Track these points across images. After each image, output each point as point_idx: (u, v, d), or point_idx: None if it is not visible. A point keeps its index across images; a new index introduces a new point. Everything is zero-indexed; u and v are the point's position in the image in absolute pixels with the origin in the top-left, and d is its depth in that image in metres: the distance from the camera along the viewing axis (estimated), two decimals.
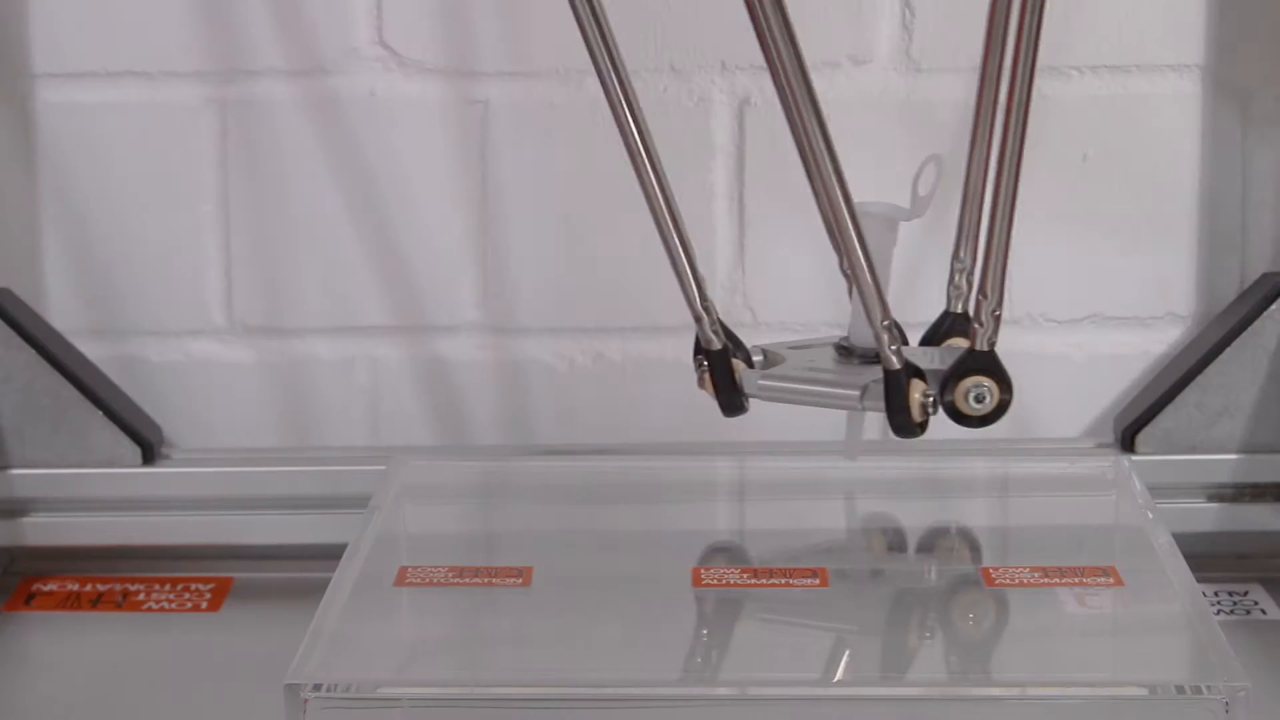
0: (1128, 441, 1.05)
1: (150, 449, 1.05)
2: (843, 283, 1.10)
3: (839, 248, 0.89)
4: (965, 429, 0.89)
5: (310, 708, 0.78)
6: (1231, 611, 0.98)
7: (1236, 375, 1.03)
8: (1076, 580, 0.88)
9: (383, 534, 0.92)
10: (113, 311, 1.09)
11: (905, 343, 0.90)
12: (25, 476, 1.04)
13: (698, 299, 0.91)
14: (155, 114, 1.07)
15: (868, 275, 0.86)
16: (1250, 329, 1.03)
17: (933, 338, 0.94)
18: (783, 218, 1.08)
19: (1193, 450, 1.04)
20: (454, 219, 1.08)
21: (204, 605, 1.01)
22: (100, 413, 1.04)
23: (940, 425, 1.09)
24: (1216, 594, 1.00)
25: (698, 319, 0.91)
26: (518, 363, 1.09)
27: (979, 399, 0.89)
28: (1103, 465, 1.00)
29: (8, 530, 1.04)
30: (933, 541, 0.96)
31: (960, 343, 0.93)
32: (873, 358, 0.90)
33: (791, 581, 0.89)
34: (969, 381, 0.89)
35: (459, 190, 1.08)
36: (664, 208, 0.89)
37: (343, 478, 1.04)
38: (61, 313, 1.08)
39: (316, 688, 0.78)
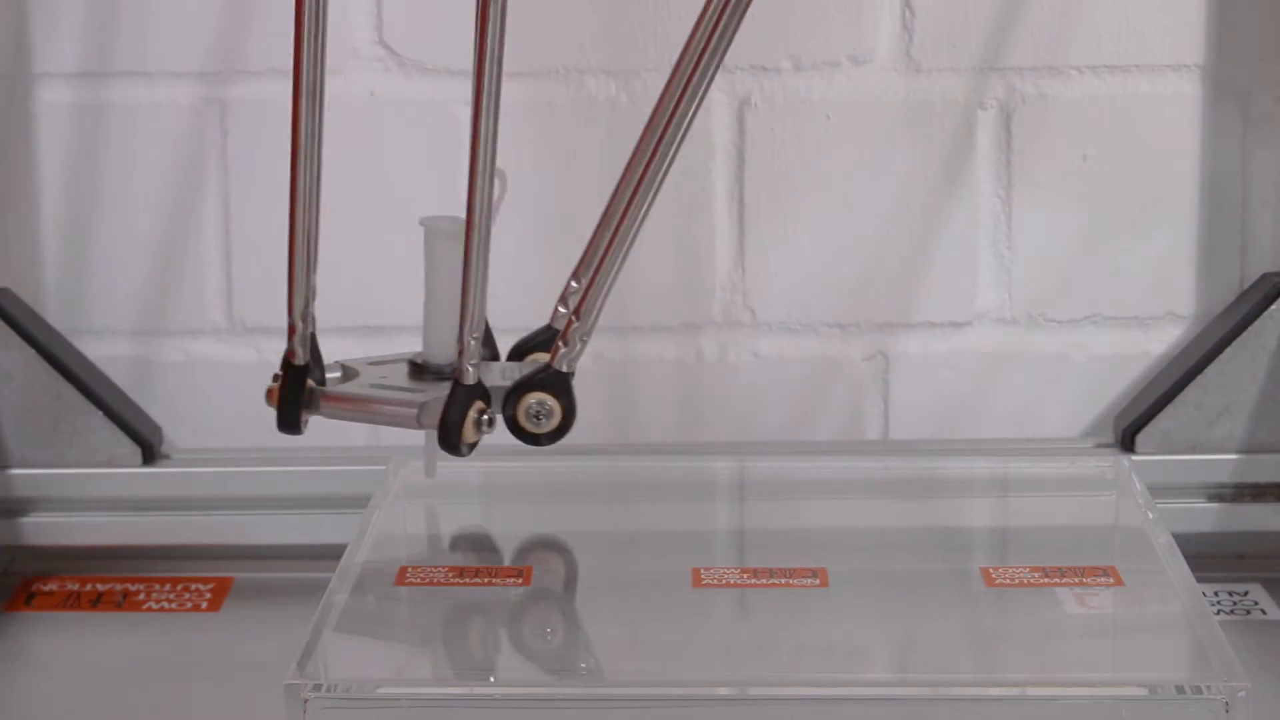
0: (1128, 441, 1.05)
1: (150, 449, 1.05)
2: (843, 282, 1.10)
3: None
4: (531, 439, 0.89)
5: (310, 708, 0.78)
6: (1231, 611, 0.98)
7: (1236, 375, 1.03)
8: (1076, 580, 0.88)
9: (383, 534, 0.92)
10: (113, 311, 1.09)
11: (494, 358, 0.90)
12: (25, 476, 1.04)
13: (302, 306, 0.89)
14: (155, 114, 1.07)
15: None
16: (1250, 329, 1.03)
17: (522, 349, 0.93)
18: (783, 218, 1.08)
19: (1193, 450, 1.04)
20: None
21: (204, 605, 1.01)
22: (100, 413, 1.04)
23: (939, 425, 1.10)
24: (1216, 594, 1.00)
25: (291, 328, 0.89)
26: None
27: (538, 416, 0.88)
28: (1103, 465, 1.00)
29: (8, 530, 1.04)
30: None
31: (543, 358, 0.91)
32: (445, 374, 0.88)
33: (791, 581, 0.89)
34: (532, 398, 0.88)
35: (459, 190, 1.08)
36: (307, 205, 0.89)
37: (343, 478, 1.04)
38: (61, 313, 1.08)
39: (316, 688, 0.78)
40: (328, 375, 0.91)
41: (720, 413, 1.09)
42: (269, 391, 0.90)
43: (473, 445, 0.87)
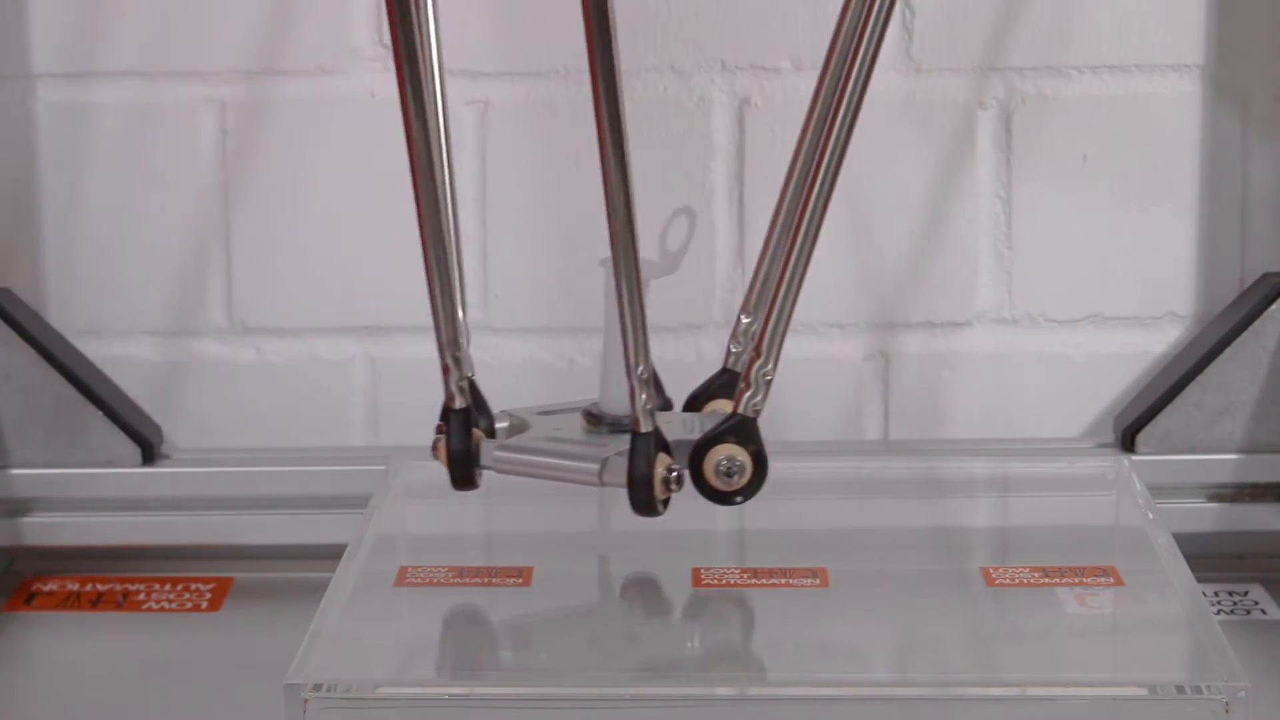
0: (1128, 441, 1.05)
1: (150, 449, 1.05)
2: (843, 282, 1.10)
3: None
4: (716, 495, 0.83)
5: (310, 708, 0.78)
6: (1231, 611, 0.98)
7: (1236, 375, 1.03)
8: (1076, 580, 0.88)
9: (383, 534, 0.92)
10: (113, 311, 1.09)
11: (667, 407, 0.85)
12: (25, 476, 1.04)
13: (450, 345, 0.83)
14: (155, 114, 1.07)
15: (619, 330, 0.79)
16: (1250, 329, 1.03)
17: (699, 399, 0.89)
18: None
19: (1193, 450, 1.04)
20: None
21: (204, 605, 1.01)
22: (100, 413, 1.04)
23: (939, 425, 1.10)
24: (1216, 594, 1.00)
25: (445, 369, 0.83)
26: (518, 363, 1.09)
27: (729, 473, 0.83)
28: (1103, 465, 1.00)
29: (8, 530, 1.04)
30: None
31: (724, 406, 0.86)
32: (623, 426, 0.83)
33: (791, 581, 0.89)
34: (720, 453, 0.82)
35: (459, 190, 1.08)
36: (444, 235, 0.82)
37: (343, 478, 1.04)
38: (61, 313, 1.08)
39: (316, 688, 0.78)
40: (496, 425, 0.86)
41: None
42: (435, 445, 0.85)
43: (665, 503, 0.82)
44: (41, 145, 1.07)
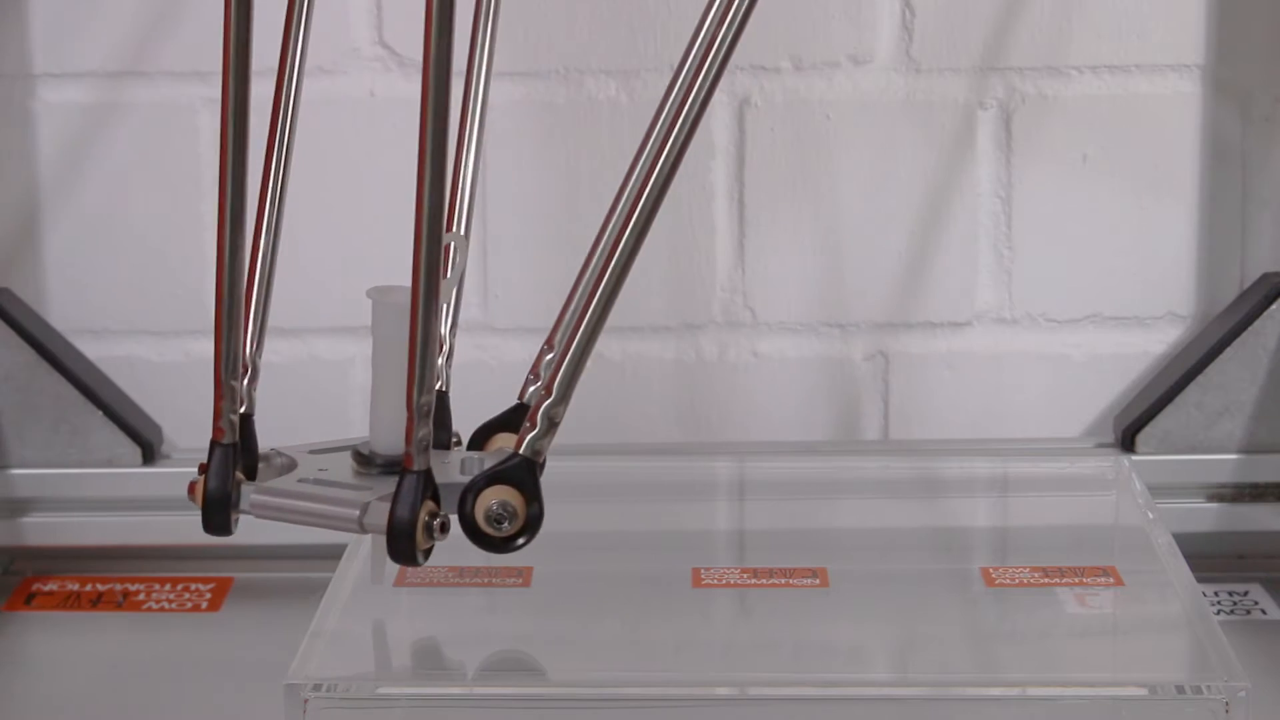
0: (1128, 441, 1.05)
1: (150, 449, 1.05)
2: (843, 282, 1.10)
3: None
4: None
5: (310, 708, 0.78)
6: (1231, 611, 0.98)
7: (1236, 375, 1.03)
8: (1076, 580, 0.88)
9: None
10: (113, 311, 1.09)
11: (450, 443, 0.80)
12: (25, 476, 1.04)
13: (229, 373, 0.76)
14: (155, 114, 1.07)
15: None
16: (1250, 329, 1.03)
17: (487, 433, 0.82)
18: (783, 218, 1.08)
19: (1193, 450, 1.04)
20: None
21: (204, 605, 1.01)
22: (100, 413, 1.04)
23: (939, 425, 1.10)
24: (1216, 594, 1.00)
25: (218, 399, 0.76)
26: (518, 363, 1.09)
27: (499, 520, 0.76)
28: (1103, 465, 1.00)
29: (8, 530, 1.04)
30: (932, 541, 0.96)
31: (510, 443, 0.79)
32: (395, 467, 0.75)
33: (791, 581, 0.89)
34: (492, 497, 0.75)
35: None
36: (240, 253, 0.77)
37: None
38: (61, 313, 1.08)
39: (316, 688, 0.78)
40: (260, 465, 0.79)
41: (720, 413, 1.09)
42: (191, 485, 0.78)
43: (427, 552, 0.74)
44: (41, 145, 1.07)
